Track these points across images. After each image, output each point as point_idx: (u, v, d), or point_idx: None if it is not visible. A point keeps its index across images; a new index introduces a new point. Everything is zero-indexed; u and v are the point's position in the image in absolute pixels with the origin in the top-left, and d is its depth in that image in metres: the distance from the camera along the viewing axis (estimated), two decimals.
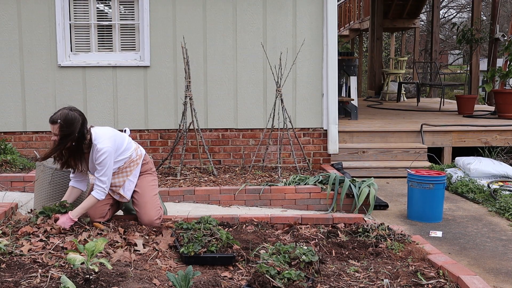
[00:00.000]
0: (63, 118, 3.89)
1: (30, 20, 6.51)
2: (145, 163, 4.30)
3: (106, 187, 4.00)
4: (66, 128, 3.89)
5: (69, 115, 3.93)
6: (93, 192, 3.99)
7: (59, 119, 3.89)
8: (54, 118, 3.90)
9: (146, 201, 4.15)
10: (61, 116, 3.90)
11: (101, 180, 3.98)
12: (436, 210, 5.19)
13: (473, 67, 11.60)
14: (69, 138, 3.91)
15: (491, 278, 3.78)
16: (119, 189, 4.17)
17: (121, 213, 4.48)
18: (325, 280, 3.20)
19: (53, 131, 3.91)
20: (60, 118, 3.89)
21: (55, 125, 3.89)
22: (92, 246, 2.98)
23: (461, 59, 27.35)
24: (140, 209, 4.14)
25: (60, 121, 3.89)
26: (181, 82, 6.60)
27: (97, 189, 3.99)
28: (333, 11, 6.66)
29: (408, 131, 7.68)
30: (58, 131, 3.89)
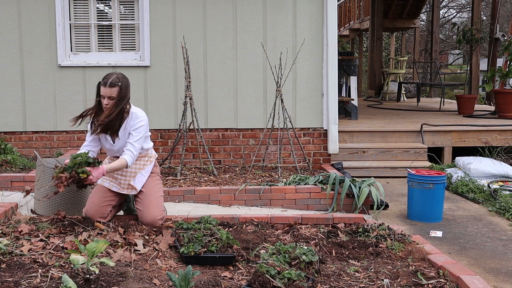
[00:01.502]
0: (121, 81, 3.98)
1: (30, 20, 6.51)
2: (155, 166, 4.34)
3: (136, 154, 4.06)
4: (125, 90, 3.99)
5: (124, 78, 4.03)
6: (124, 155, 4.01)
7: (119, 82, 3.96)
8: (113, 81, 3.95)
9: (151, 201, 4.13)
10: (119, 79, 3.97)
11: (134, 146, 4.03)
12: (436, 210, 5.19)
13: (473, 67, 11.61)
14: (124, 101, 4.01)
15: (491, 278, 3.78)
16: (131, 180, 4.16)
17: (121, 213, 4.47)
18: (325, 280, 3.20)
19: (109, 94, 3.95)
20: (120, 81, 3.97)
21: (114, 88, 3.95)
22: (93, 247, 2.98)
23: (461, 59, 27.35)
24: (143, 208, 4.12)
25: (121, 84, 3.97)
26: (181, 82, 6.60)
27: (128, 153, 4.01)
28: (333, 11, 6.66)
29: (408, 131, 7.68)
30: (117, 93, 3.96)
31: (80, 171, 3.74)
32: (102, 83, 3.99)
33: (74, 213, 4.51)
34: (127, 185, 4.19)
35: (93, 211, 4.07)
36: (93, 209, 4.07)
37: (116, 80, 3.97)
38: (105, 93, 3.97)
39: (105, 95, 3.97)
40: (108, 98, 3.97)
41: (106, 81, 3.97)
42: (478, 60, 12.19)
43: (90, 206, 4.10)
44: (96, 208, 4.08)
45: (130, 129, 4.07)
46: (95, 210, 4.07)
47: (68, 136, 6.67)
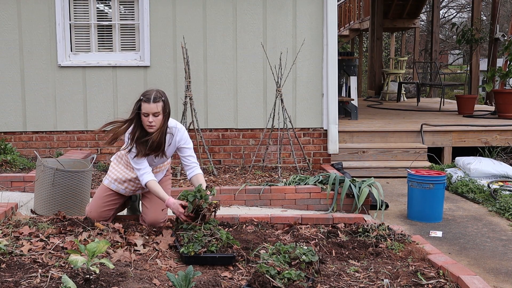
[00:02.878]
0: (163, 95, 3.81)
1: (30, 20, 6.51)
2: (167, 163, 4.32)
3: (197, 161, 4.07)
4: (168, 104, 3.84)
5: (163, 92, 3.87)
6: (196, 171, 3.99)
7: (162, 97, 3.79)
8: (156, 96, 3.76)
9: (156, 201, 4.08)
10: (160, 93, 3.80)
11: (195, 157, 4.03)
12: (436, 210, 5.20)
13: (473, 67, 11.61)
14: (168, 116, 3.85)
15: (491, 278, 3.78)
16: None
17: (123, 212, 4.47)
18: (325, 280, 3.20)
19: (155, 111, 3.74)
20: (162, 96, 3.80)
21: (159, 103, 3.75)
22: (93, 247, 2.98)
23: (461, 59, 27.36)
24: (150, 207, 4.08)
25: (164, 98, 3.80)
26: (181, 82, 6.60)
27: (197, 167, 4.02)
28: (333, 11, 6.66)
29: (408, 131, 7.68)
30: (162, 109, 3.76)
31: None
32: (145, 99, 3.76)
33: (74, 213, 4.51)
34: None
35: (96, 214, 4.05)
36: (96, 213, 4.04)
37: (158, 94, 3.79)
38: (149, 110, 3.73)
39: (150, 112, 3.74)
40: (153, 115, 3.75)
41: (149, 97, 3.75)
42: (478, 60, 12.19)
43: (94, 208, 4.07)
44: (99, 213, 4.05)
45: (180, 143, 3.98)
46: (98, 214, 4.05)
47: (68, 136, 6.67)
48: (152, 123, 3.76)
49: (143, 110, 3.76)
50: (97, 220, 4.03)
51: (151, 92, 3.80)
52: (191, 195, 3.73)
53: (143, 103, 3.76)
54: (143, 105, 3.76)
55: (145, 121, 3.77)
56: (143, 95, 3.80)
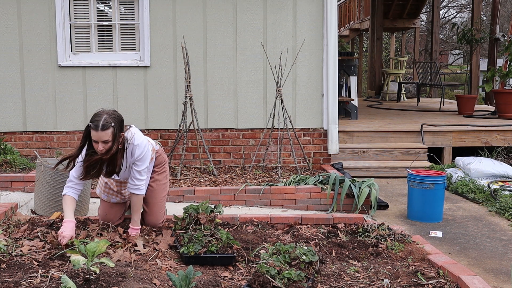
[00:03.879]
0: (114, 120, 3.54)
1: (30, 20, 6.51)
2: (158, 156, 4.10)
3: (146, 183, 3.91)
4: (118, 131, 3.57)
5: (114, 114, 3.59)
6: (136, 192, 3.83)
7: (112, 123, 3.52)
8: (104, 123, 3.49)
9: (155, 203, 4.09)
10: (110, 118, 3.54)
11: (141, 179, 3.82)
12: (436, 210, 5.19)
13: (473, 67, 11.60)
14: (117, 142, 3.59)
15: (491, 278, 3.78)
16: None
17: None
18: (325, 280, 3.20)
19: (104, 139, 3.51)
20: (113, 121, 3.53)
21: (108, 131, 3.50)
22: (93, 247, 2.98)
23: (461, 59, 27.35)
24: (148, 209, 4.09)
25: (114, 124, 3.53)
26: (181, 82, 6.59)
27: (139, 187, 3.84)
28: (333, 11, 6.66)
29: (408, 131, 7.68)
30: (112, 135, 3.53)
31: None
32: (93, 126, 3.50)
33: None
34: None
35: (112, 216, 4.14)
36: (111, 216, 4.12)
37: (109, 120, 3.52)
38: (98, 138, 3.51)
39: (99, 140, 3.52)
40: (103, 142, 3.53)
41: (97, 124, 3.49)
42: (478, 60, 12.19)
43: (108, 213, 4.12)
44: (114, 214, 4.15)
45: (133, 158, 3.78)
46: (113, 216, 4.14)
47: (68, 136, 6.67)
48: (102, 150, 3.56)
49: (92, 137, 3.55)
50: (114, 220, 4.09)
51: (100, 117, 3.53)
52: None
53: (91, 130, 3.53)
54: (92, 132, 3.54)
55: (95, 147, 3.58)
56: (92, 120, 3.55)
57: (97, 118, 3.53)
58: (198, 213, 3.81)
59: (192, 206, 3.88)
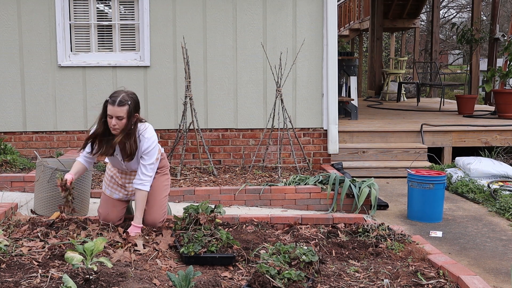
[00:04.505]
0: (130, 99, 3.73)
1: (30, 20, 6.51)
2: (162, 158, 4.16)
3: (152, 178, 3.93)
4: (134, 109, 3.75)
5: (133, 95, 3.79)
6: (141, 187, 3.88)
7: (128, 101, 3.71)
8: (122, 99, 3.69)
9: (155, 203, 4.08)
10: (128, 96, 3.73)
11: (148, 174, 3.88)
12: (436, 210, 5.19)
13: (473, 67, 11.60)
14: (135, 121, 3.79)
15: (491, 278, 3.78)
16: None
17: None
18: (325, 280, 3.20)
19: (118, 114, 3.69)
20: (129, 100, 3.72)
21: (123, 107, 3.68)
22: (91, 246, 2.98)
23: (461, 59, 27.36)
24: (148, 208, 4.07)
25: (130, 103, 3.72)
26: (181, 82, 6.60)
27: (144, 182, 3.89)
28: (333, 11, 6.66)
29: (408, 131, 7.68)
30: (126, 113, 3.70)
31: None
32: (110, 101, 3.71)
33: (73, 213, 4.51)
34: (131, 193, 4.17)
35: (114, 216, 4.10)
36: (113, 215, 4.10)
37: (126, 98, 3.71)
38: (113, 113, 3.69)
39: (114, 114, 3.70)
40: (117, 118, 3.71)
41: (114, 100, 3.70)
42: (478, 60, 12.19)
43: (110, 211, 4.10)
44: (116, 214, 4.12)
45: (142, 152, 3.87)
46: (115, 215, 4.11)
47: (68, 136, 6.67)
48: (116, 126, 3.72)
49: (108, 111, 3.73)
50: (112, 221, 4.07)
51: (118, 94, 3.73)
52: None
53: (108, 104, 3.72)
54: (108, 107, 3.72)
55: (109, 122, 3.75)
56: (111, 95, 3.75)
57: (116, 95, 3.73)
58: (198, 213, 3.81)
59: (192, 206, 3.88)
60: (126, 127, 3.75)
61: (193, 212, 3.82)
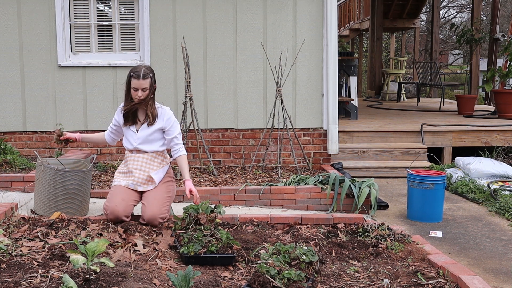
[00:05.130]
0: (151, 71, 4.20)
1: (30, 20, 6.51)
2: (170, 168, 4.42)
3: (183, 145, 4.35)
4: (154, 79, 4.25)
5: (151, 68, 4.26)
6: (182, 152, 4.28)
7: (150, 73, 4.17)
8: (145, 72, 4.13)
9: (157, 198, 4.11)
10: (148, 70, 4.17)
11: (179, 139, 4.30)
12: (436, 210, 5.19)
13: (473, 67, 11.60)
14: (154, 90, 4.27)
15: (491, 278, 3.78)
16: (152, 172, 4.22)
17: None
18: (325, 280, 3.20)
19: (144, 86, 4.14)
20: (150, 72, 4.18)
21: (147, 80, 4.15)
22: (93, 246, 2.98)
23: (461, 59, 27.37)
24: (147, 203, 4.09)
25: (152, 75, 4.19)
26: (181, 82, 6.60)
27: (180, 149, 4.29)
28: (333, 11, 6.66)
29: (408, 131, 7.68)
30: (149, 84, 4.17)
31: None
32: (135, 75, 4.12)
33: (74, 213, 4.51)
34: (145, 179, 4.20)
35: (121, 209, 4.05)
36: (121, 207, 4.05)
37: (147, 71, 4.16)
38: (139, 85, 4.13)
39: (139, 87, 4.13)
40: (142, 90, 4.14)
41: (139, 74, 4.12)
42: (478, 60, 12.19)
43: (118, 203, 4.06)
44: (124, 207, 4.07)
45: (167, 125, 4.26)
46: (123, 209, 4.06)
47: None
48: (141, 97, 4.17)
49: (132, 85, 4.15)
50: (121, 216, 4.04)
51: (140, 68, 4.16)
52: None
53: (133, 79, 4.14)
54: (133, 81, 4.15)
55: (134, 94, 4.18)
56: (133, 71, 4.16)
57: (138, 69, 4.17)
58: (198, 213, 3.82)
59: (192, 206, 3.88)
60: (148, 96, 4.19)
61: (193, 212, 3.83)
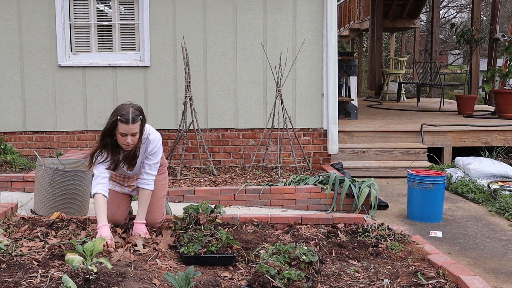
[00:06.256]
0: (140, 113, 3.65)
1: (30, 20, 6.51)
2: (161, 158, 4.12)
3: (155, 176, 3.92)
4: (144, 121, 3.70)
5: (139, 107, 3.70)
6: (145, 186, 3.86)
7: (140, 115, 3.62)
8: (134, 116, 3.58)
9: (154, 201, 4.05)
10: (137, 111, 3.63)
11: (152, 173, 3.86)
12: (436, 210, 5.19)
13: (473, 67, 11.60)
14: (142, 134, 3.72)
15: (491, 278, 3.78)
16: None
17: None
18: (325, 280, 3.20)
19: (134, 131, 3.62)
20: (140, 114, 3.63)
21: (136, 124, 3.61)
22: (90, 246, 2.98)
23: (461, 59, 27.36)
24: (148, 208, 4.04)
25: (141, 117, 3.64)
26: (181, 82, 6.60)
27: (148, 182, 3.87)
28: (333, 11, 6.66)
29: (408, 131, 7.68)
30: (139, 128, 3.64)
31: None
32: (123, 120, 3.56)
33: (74, 213, 4.52)
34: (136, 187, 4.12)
35: (120, 216, 4.03)
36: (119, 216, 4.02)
37: (136, 112, 3.62)
38: (128, 131, 3.59)
39: (128, 132, 3.60)
40: (131, 135, 3.62)
41: (127, 118, 3.57)
42: (478, 60, 12.19)
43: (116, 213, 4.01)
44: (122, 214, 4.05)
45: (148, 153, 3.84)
46: (121, 216, 4.04)
47: (68, 136, 6.67)
48: (130, 143, 3.66)
49: (120, 130, 3.61)
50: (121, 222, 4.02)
51: (127, 111, 3.60)
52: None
53: (121, 123, 3.59)
54: (121, 126, 3.59)
55: (122, 140, 3.65)
56: (120, 114, 3.59)
57: (125, 112, 3.59)
58: (198, 213, 3.82)
59: (192, 206, 3.88)
60: (139, 141, 3.72)
61: (193, 212, 3.82)
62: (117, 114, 3.60)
